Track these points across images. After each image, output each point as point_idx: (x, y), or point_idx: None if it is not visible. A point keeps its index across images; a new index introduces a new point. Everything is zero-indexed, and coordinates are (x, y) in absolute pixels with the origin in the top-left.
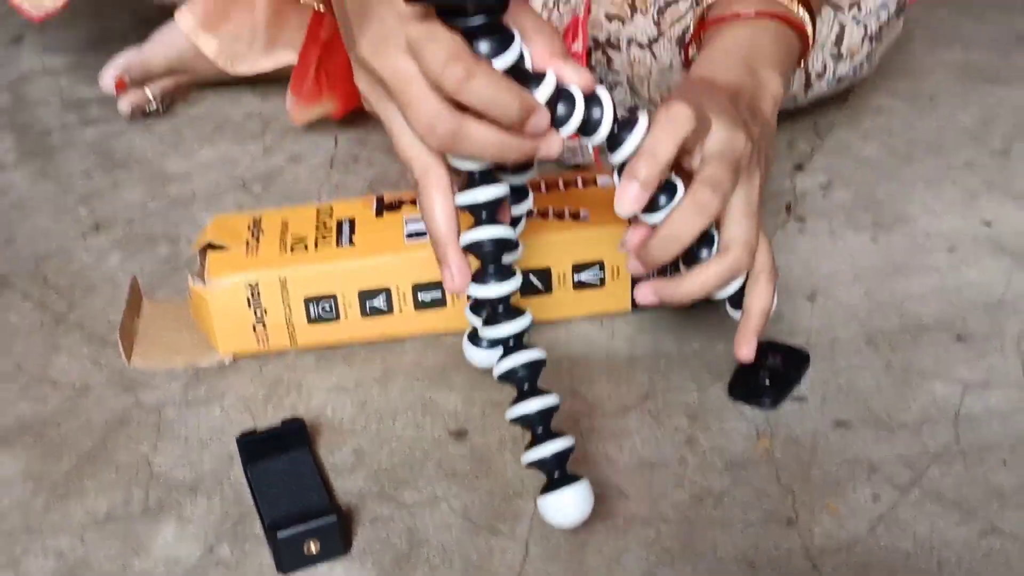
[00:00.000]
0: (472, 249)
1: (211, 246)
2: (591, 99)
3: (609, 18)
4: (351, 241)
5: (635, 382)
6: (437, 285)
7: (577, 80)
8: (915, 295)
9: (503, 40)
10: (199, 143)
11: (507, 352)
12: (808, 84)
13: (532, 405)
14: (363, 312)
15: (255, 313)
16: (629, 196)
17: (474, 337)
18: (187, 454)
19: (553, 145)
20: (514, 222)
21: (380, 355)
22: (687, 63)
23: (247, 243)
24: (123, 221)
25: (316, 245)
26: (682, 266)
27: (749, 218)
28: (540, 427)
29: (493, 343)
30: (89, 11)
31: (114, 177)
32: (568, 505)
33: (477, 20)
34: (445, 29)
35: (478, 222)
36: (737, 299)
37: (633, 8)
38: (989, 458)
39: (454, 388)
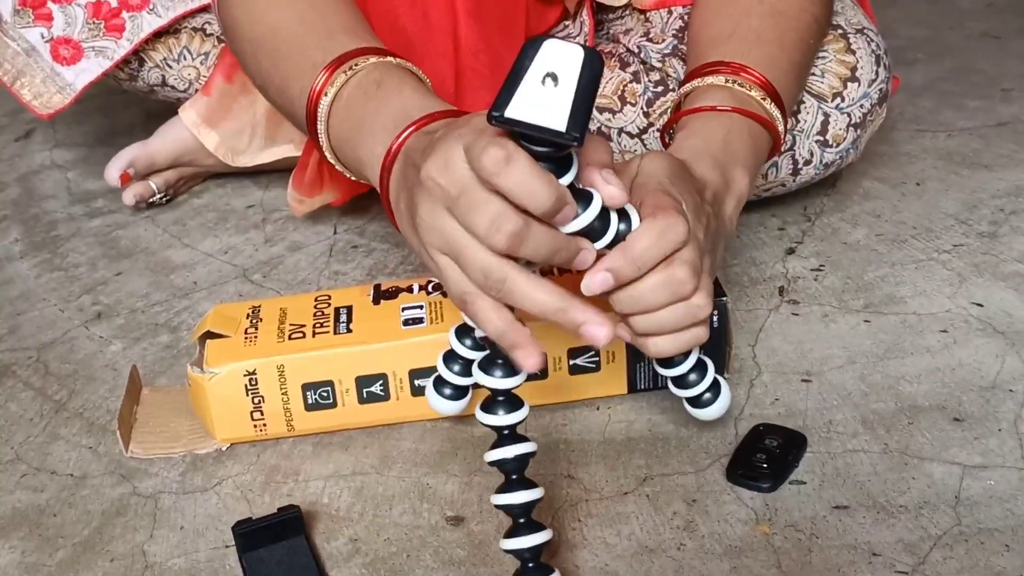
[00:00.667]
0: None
1: (210, 334)
2: (621, 214)
3: (600, 109)
4: (348, 328)
5: (632, 465)
6: (433, 371)
7: (616, 195)
8: (909, 377)
9: (566, 162)
10: (202, 233)
11: (501, 442)
12: (796, 171)
13: (518, 496)
14: (360, 399)
15: (253, 400)
16: (598, 283)
17: (439, 384)
18: (183, 543)
19: (588, 257)
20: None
21: (378, 441)
22: (666, 148)
23: (246, 331)
24: (126, 310)
25: (314, 333)
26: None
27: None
28: (522, 518)
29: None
30: (98, 107)
31: (118, 267)
32: None
33: (551, 151)
34: (494, 131)
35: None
36: (681, 380)
37: (623, 100)
38: (991, 542)
39: (452, 474)
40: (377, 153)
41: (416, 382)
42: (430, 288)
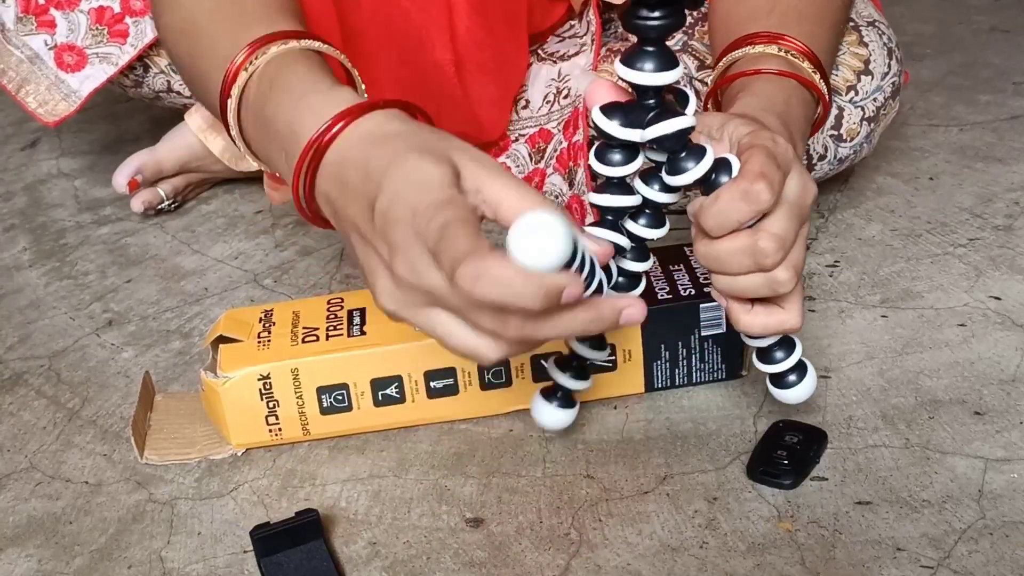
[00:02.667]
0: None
1: (223, 339)
2: (723, 165)
3: None
4: (362, 331)
5: (652, 464)
6: (449, 372)
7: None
8: (928, 371)
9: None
10: (211, 239)
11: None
12: (810, 166)
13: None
14: (376, 401)
15: (267, 405)
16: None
17: (547, 393)
18: (200, 549)
19: (634, 314)
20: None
21: (394, 444)
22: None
23: (259, 335)
24: (137, 317)
25: (327, 336)
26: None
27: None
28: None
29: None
30: (103, 115)
31: (128, 274)
32: None
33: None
34: (464, 224)
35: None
36: (765, 354)
37: None
38: (1016, 535)
39: (470, 476)
40: (286, 168)
41: (432, 384)
42: None
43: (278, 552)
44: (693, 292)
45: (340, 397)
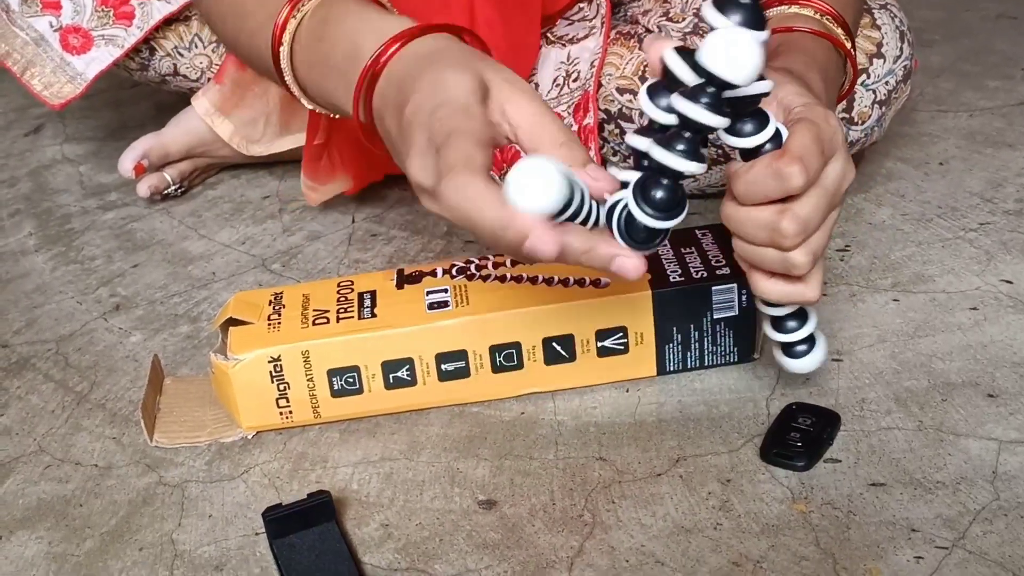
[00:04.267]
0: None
1: (233, 321)
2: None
3: (621, 91)
4: (373, 313)
5: (664, 447)
6: (461, 355)
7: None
8: (941, 354)
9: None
10: (218, 224)
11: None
12: None
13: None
14: (387, 384)
15: (278, 387)
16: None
17: (788, 349)
18: (212, 531)
19: (630, 266)
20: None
21: (405, 427)
22: None
23: (269, 318)
24: (144, 301)
25: (338, 318)
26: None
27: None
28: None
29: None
30: (107, 102)
31: (135, 259)
32: None
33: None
34: (465, 136)
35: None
36: (779, 322)
37: (644, 80)
38: None
39: (482, 459)
40: (344, 96)
41: (443, 366)
42: (454, 272)
43: (290, 534)
44: (705, 275)
45: (351, 380)
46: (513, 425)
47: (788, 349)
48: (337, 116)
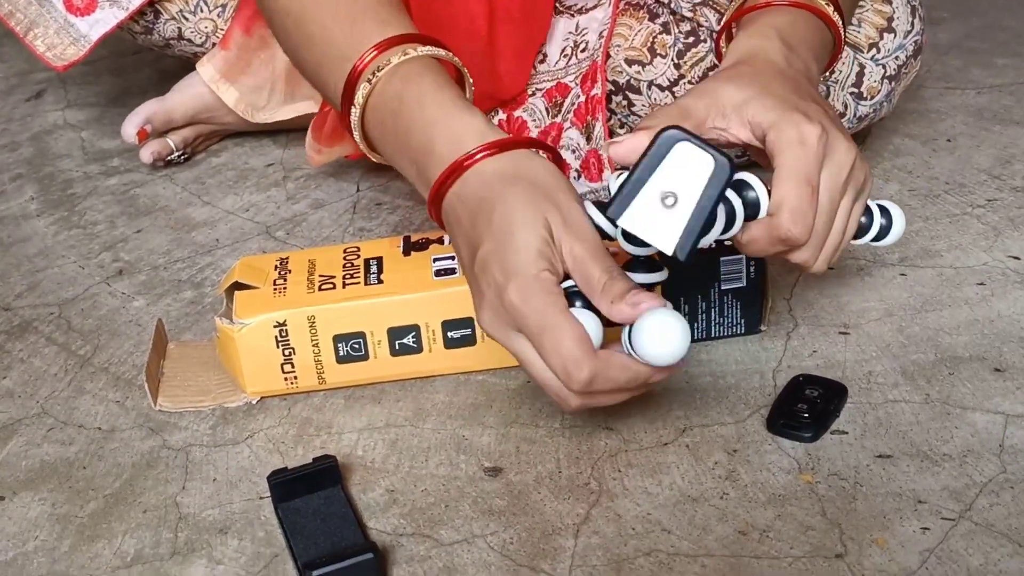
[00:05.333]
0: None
1: (238, 286)
2: (743, 186)
3: (629, 62)
4: (379, 279)
5: (671, 416)
6: (467, 322)
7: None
8: (948, 328)
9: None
10: (222, 191)
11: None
12: None
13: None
14: (393, 351)
15: (283, 352)
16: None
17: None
18: (216, 495)
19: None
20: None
21: (411, 394)
22: (719, 56)
23: (274, 283)
24: (147, 267)
25: (344, 284)
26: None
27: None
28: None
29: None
30: (109, 68)
31: (138, 224)
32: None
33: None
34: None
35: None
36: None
37: (652, 52)
38: None
39: (488, 426)
40: (416, 178)
41: (449, 334)
42: None
43: (295, 498)
44: (713, 245)
45: (357, 346)
46: (519, 393)
47: (878, 239)
48: None
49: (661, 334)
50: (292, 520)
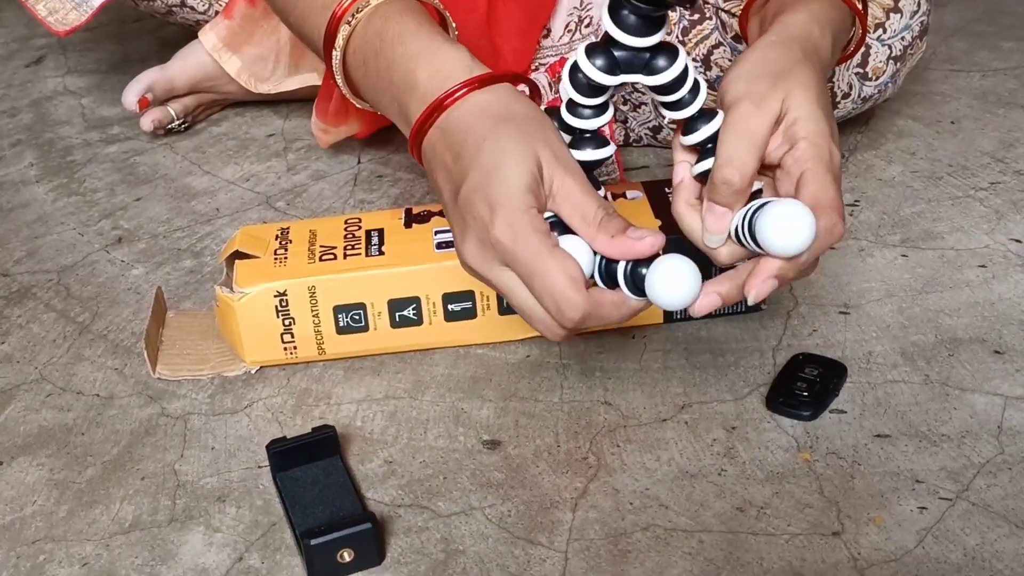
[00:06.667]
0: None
1: (239, 255)
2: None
3: None
4: (380, 251)
5: (670, 393)
6: (468, 295)
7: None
8: (948, 310)
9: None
10: (222, 161)
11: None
12: (834, 104)
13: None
14: (393, 323)
15: (283, 322)
16: (766, 290)
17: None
18: (215, 463)
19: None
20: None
21: (410, 367)
22: (745, 38)
23: (275, 252)
24: (147, 235)
25: (345, 255)
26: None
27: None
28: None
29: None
30: (109, 35)
31: (138, 192)
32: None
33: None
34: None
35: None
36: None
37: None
38: None
39: (486, 399)
40: (397, 116)
41: (450, 306)
42: None
43: (294, 467)
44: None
45: (357, 317)
46: (519, 367)
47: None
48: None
49: (675, 279)
50: (290, 489)
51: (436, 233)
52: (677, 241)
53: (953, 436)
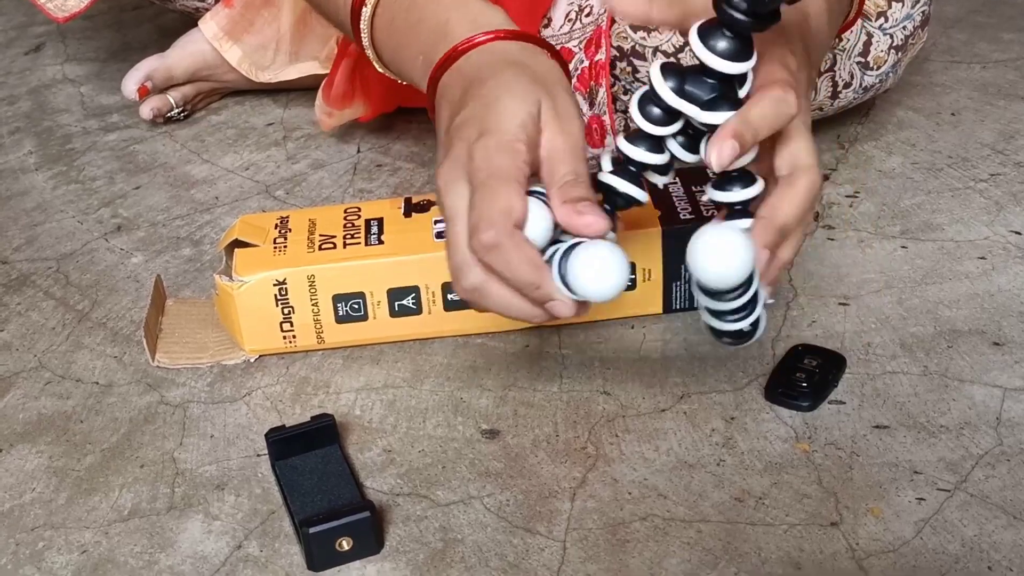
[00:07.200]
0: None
1: (238, 243)
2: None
3: (635, 28)
4: (380, 240)
5: (669, 383)
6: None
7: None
8: (948, 301)
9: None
10: (222, 150)
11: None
12: (835, 94)
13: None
14: (392, 312)
15: (282, 311)
16: (728, 150)
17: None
18: (213, 451)
19: (563, 310)
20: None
21: (409, 356)
22: None
23: (275, 241)
24: (146, 223)
25: (344, 244)
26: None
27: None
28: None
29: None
30: (108, 23)
31: (137, 181)
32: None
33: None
34: (507, 183)
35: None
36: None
37: None
38: None
39: (486, 389)
40: (420, 69)
41: (449, 296)
42: None
43: (293, 455)
44: (715, 212)
45: (356, 306)
46: (518, 357)
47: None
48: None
49: (598, 268)
50: (289, 478)
51: (436, 222)
52: (675, 234)
53: (952, 427)
